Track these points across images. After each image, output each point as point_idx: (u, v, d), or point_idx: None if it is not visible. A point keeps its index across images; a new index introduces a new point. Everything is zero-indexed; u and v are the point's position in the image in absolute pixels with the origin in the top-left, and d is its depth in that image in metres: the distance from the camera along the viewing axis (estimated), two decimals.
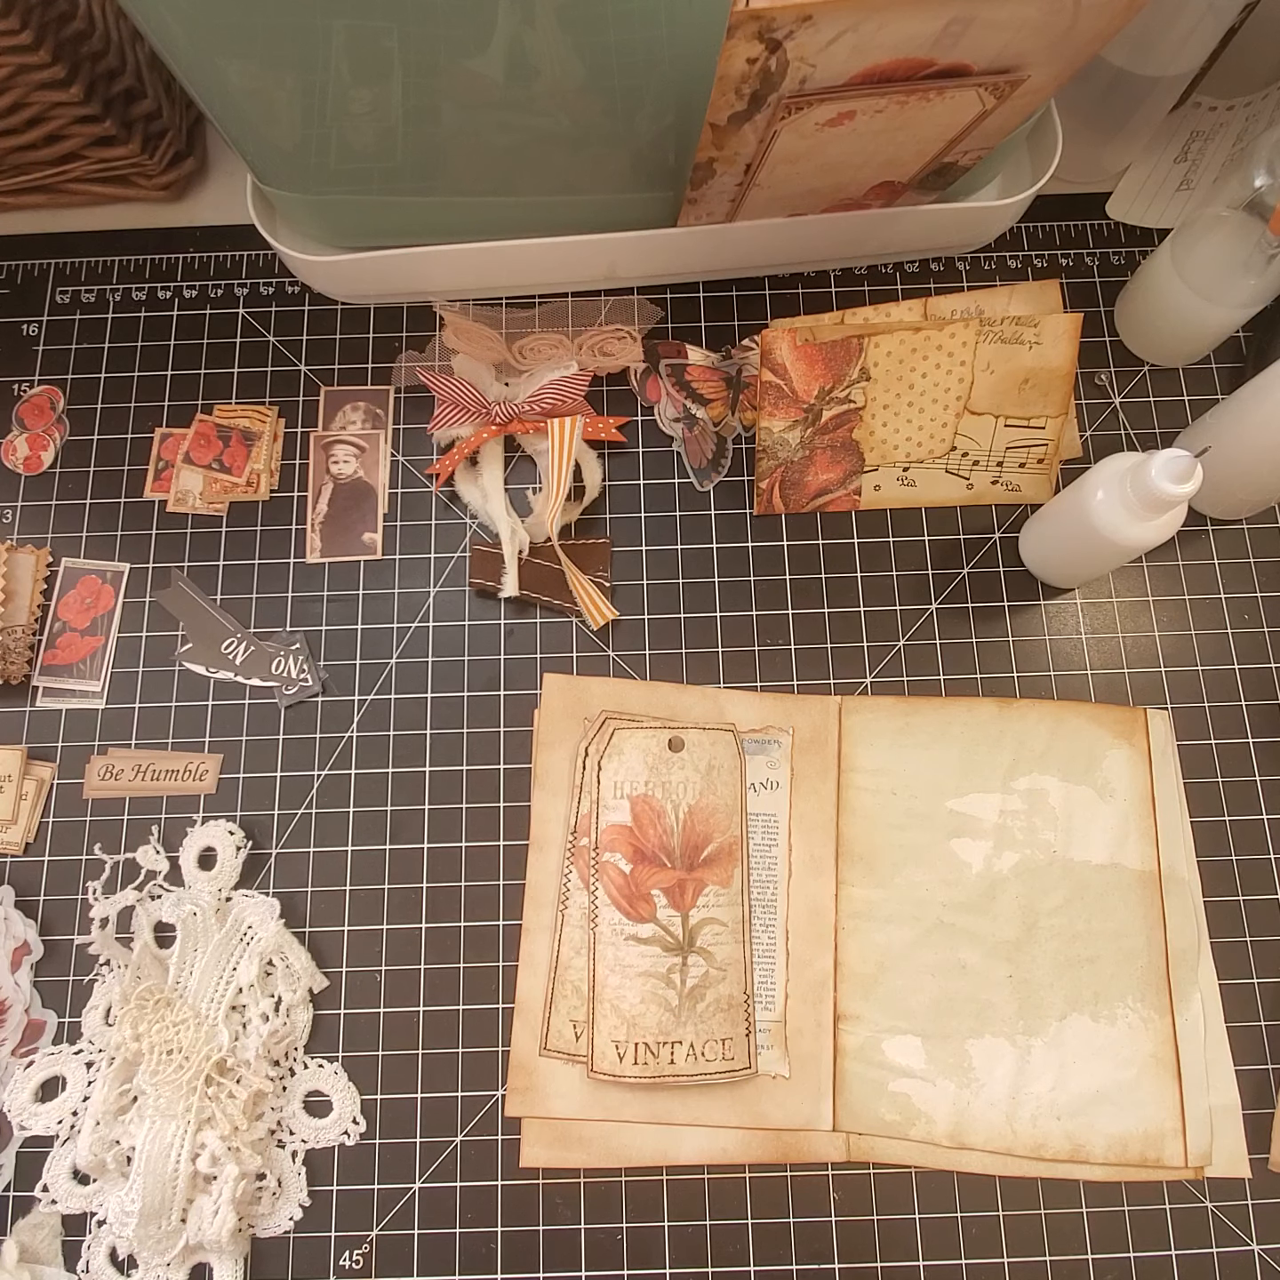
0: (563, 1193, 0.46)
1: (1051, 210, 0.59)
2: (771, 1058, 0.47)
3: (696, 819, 0.49)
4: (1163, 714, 0.51)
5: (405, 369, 0.56)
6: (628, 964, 0.47)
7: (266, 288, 0.58)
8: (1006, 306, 0.57)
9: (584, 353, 0.56)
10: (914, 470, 0.54)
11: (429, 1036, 0.48)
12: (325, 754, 0.51)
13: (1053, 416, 0.53)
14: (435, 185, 0.49)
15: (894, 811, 0.50)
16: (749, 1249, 0.46)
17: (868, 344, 0.51)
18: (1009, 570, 0.54)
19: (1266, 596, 0.53)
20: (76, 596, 0.54)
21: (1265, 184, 0.45)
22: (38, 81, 0.48)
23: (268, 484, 0.55)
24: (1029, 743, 0.51)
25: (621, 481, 0.55)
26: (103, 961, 0.48)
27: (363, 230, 0.53)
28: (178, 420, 0.56)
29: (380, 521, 0.55)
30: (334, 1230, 0.46)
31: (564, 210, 0.52)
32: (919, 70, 0.37)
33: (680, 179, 0.47)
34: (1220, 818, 0.50)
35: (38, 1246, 0.45)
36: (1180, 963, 0.48)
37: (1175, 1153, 0.46)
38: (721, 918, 0.48)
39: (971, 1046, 0.47)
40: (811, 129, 0.40)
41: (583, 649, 0.53)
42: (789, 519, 0.55)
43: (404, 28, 0.39)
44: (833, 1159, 0.46)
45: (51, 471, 0.55)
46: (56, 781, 0.51)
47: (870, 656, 0.53)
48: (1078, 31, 0.35)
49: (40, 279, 0.58)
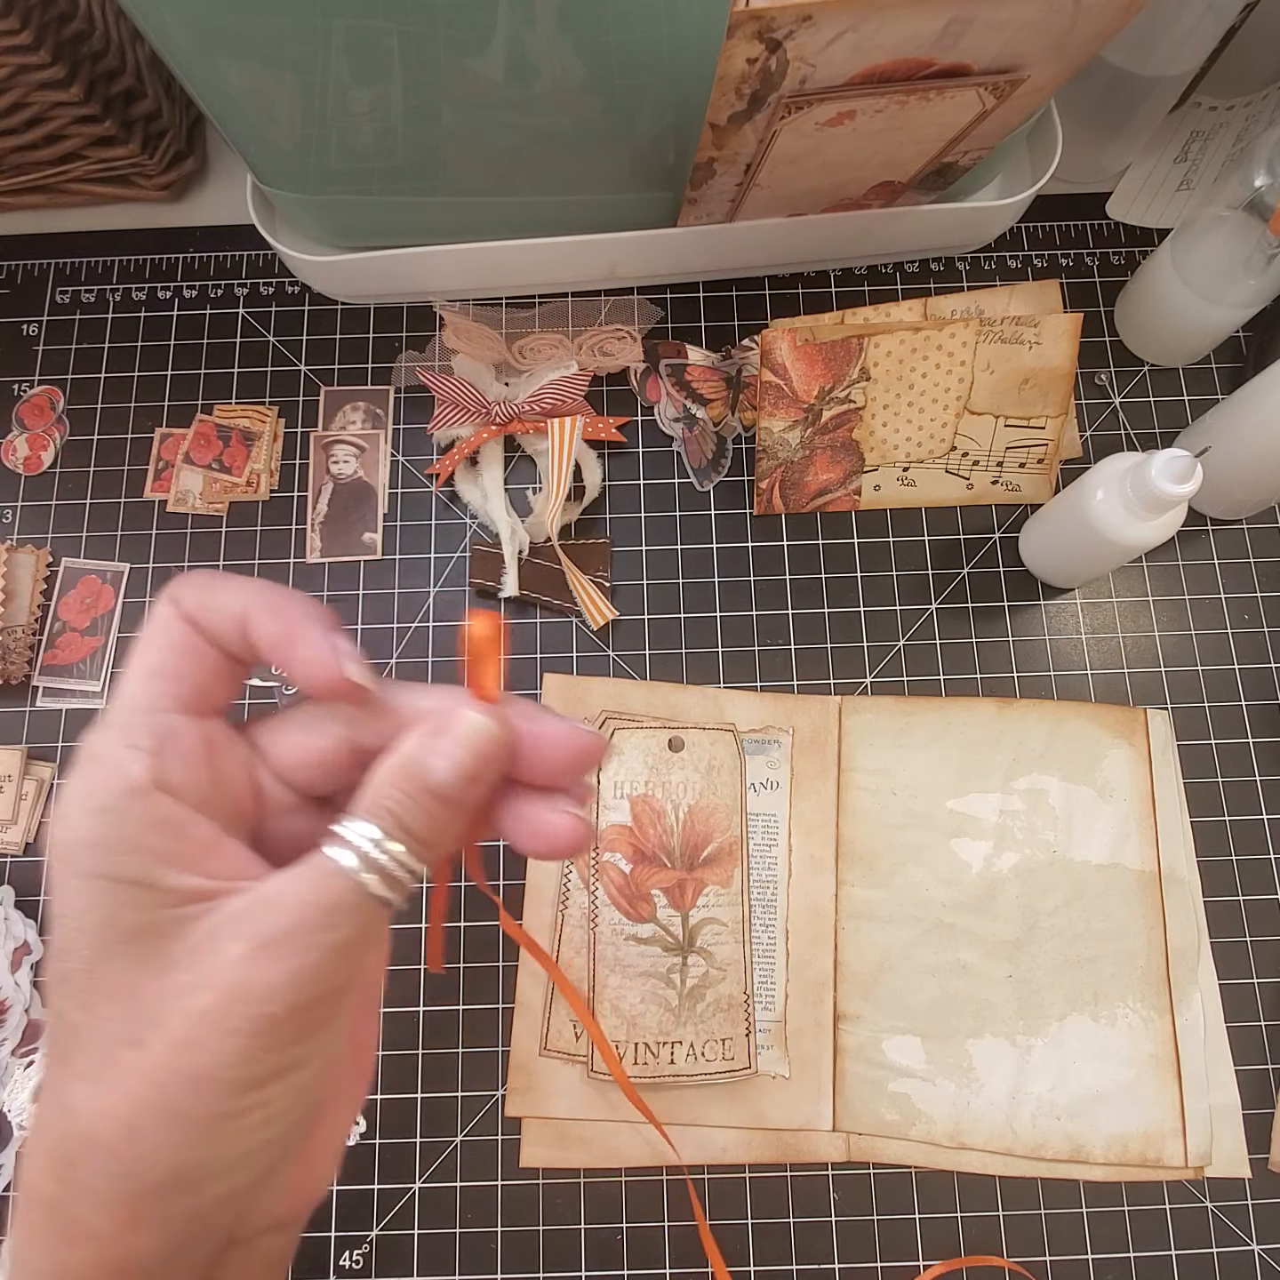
0: (563, 1193, 0.46)
1: (1051, 210, 0.59)
2: (771, 1058, 0.47)
3: (696, 819, 0.49)
4: (1163, 714, 0.51)
5: (405, 369, 0.56)
6: (628, 964, 0.47)
7: (266, 288, 0.58)
8: (1006, 306, 0.57)
9: (584, 353, 0.56)
10: (914, 470, 0.54)
11: (429, 1036, 0.48)
12: None
13: (1053, 416, 0.53)
14: (435, 185, 0.49)
15: (894, 811, 0.50)
16: (749, 1249, 0.46)
17: (868, 344, 0.51)
18: (1009, 570, 0.54)
19: (1266, 596, 0.53)
20: (76, 596, 0.54)
21: (1265, 184, 0.45)
22: (38, 81, 0.48)
23: (268, 484, 0.55)
24: (1029, 743, 0.51)
25: (621, 481, 0.55)
26: None
27: (363, 230, 0.53)
28: (178, 420, 0.56)
29: (380, 521, 0.55)
30: (334, 1230, 0.46)
31: (564, 210, 0.52)
32: (919, 70, 0.37)
33: (680, 179, 0.47)
34: (1220, 818, 0.50)
35: None
36: (1180, 963, 0.48)
37: (1175, 1153, 0.46)
38: (721, 918, 0.48)
39: (971, 1046, 0.47)
40: (811, 129, 0.40)
41: (583, 649, 0.53)
42: (789, 519, 0.55)
43: (404, 28, 0.39)
44: (833, 1159, 0.46)
45: (51, 471, 0.55)
46: (56, 781, 0.51)
47: (870, 656, 0.53)
48: (1078, 31, 0.35)
49: (40, 279, 0.58)
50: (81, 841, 0.19)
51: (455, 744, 0.21)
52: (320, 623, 0.21)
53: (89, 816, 0.19)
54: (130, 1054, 0.18)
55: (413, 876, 0.21)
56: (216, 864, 0.20)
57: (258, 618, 0.21)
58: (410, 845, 0.20)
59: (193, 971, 0.19)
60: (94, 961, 0.19)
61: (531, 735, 0.22)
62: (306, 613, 0.21)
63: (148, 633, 0.22)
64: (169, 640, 0.21)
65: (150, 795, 0.19)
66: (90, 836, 0.19)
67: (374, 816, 0.20)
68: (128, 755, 0.19)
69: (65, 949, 0.19)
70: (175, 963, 0.19)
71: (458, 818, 0.21)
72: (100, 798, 0.19)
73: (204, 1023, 0.18)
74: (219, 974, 0.18)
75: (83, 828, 0.19)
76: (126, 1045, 0.18)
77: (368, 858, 0.20)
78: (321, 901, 0.19)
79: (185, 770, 0.20)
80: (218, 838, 0.20)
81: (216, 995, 0.18)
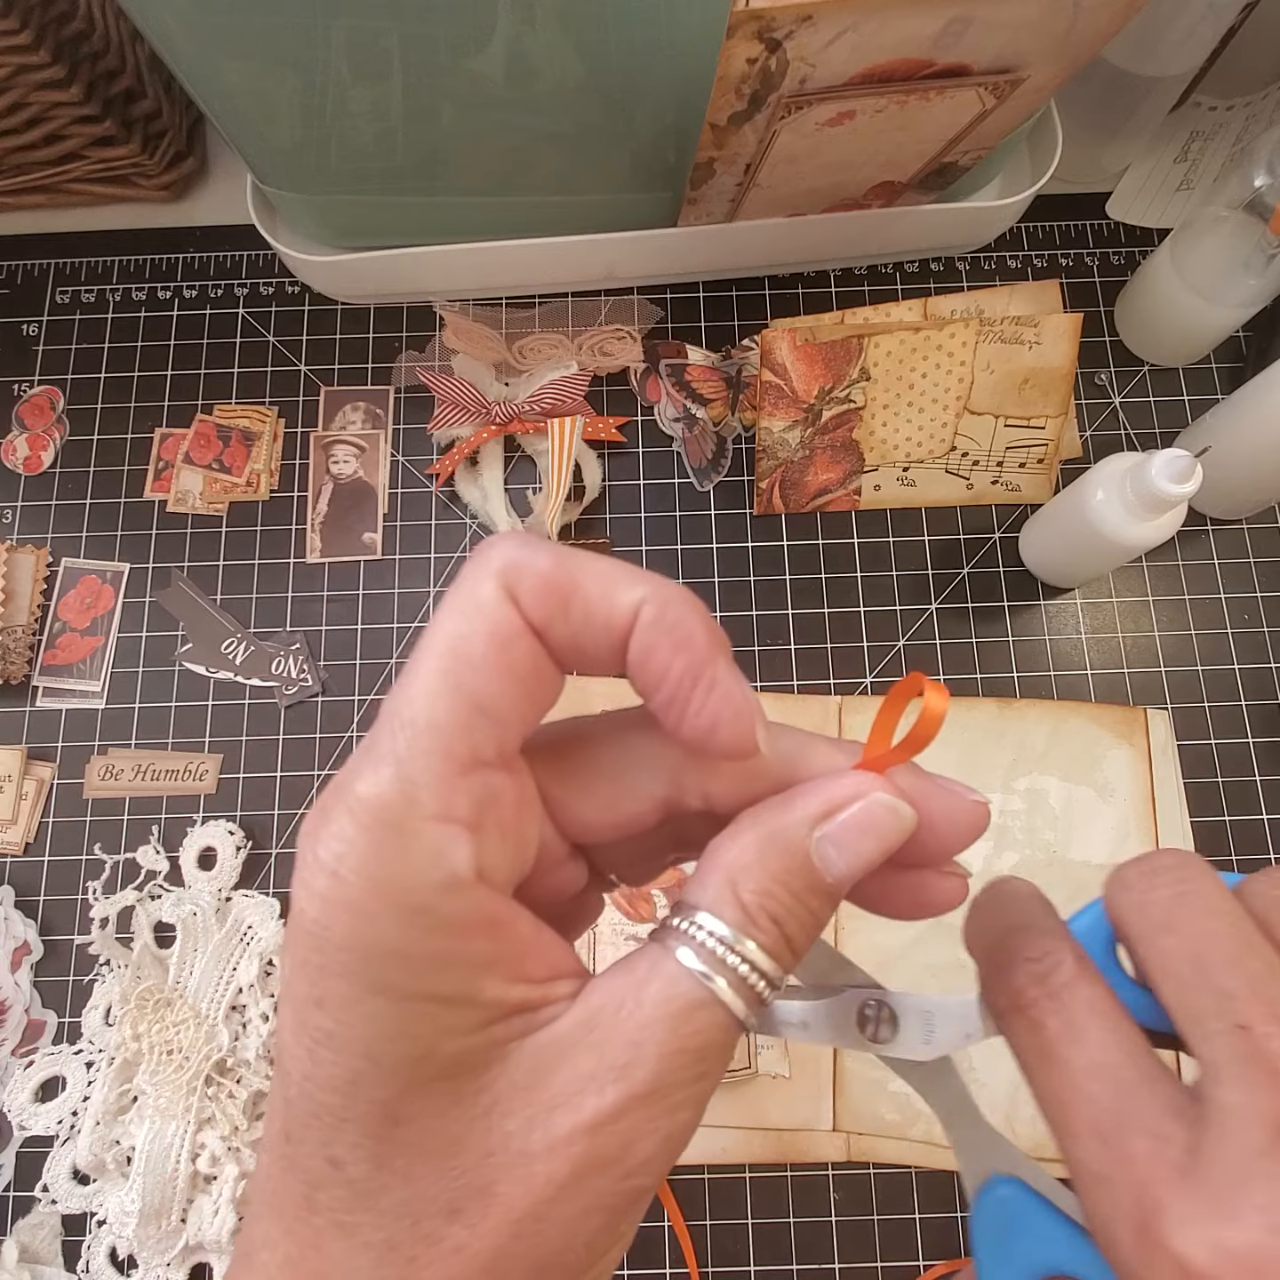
0: None
1: (1051, 210, 0.59)
2: (771, 1058, 0.47)
3: None
4: (1163, 714, 0.51)
5: (405, 369, 0.56)
6: None
7: (266, 288, 0.58)
8: (1006, 306, 0.57)
9: (584, 353, 0.56)
10: (914, 470, 0.54)
11: None
12: (325, 754, 0.51)
13: (1053, 416, 0.53)
14: (435, 185, 0.49)
15: None
16: (749, 1249, 0.46)
17: (868, 344, 0.51)
18: (1009, 570, 0.54)
19: (1266, 596, 0.53)
20: (76, 596, 0.54)
21: (1265, 184, 0.45)
22: (38, 81, 0.48)
23: (268, 484, 0.55)
24: (1029, 743, 0.51)
25: (621, 481, 0.55)
26: (103, 961, 0.48)
27: (363, 230, 0.53)
28: (178, 420, 0.56)
29: (380, 521, 0.55)
30: None
31: (564, 210, 0.52)
32: (919, 70, 0.37)
33: (680, 179, 0.47)
34: (1220, 818, 0.50)
35: (38, 1246, 0.45)
36: None
37: None
38: None
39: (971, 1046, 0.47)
40: (811, 129, 0.40)
41: None
42: (789, 519, 0.55)
43: (404, 28, 0.39)
44: (833, 1159, 0.46)
45: (51, 471, 0.55)
46: (56, 781, 0.51)
47: (870, 656, 0.53)
48: (1078, 31, 0.35)
49: (40, 279, 0.58)
50: (391, 949, 0.14)
51: (860, 833, 0.16)
52: (730, 660, 0.15)
53: (403, 917, 0.14)
54: (454, 1230, 0.14)
55: (774, 991, 0.16)
56: (535, 962, 0.15)
57: (650, 642, 0.15)
58: (780, 952, 0.16)
59: (534, 1124, 0.14)
60: (398, 1105, 0.14)
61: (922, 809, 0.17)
62: (715, 642, 0.15)
63: (469, 636, 0.15)
64: (508, 660, 0.15)
65: (473, 888, 0.14)
66: (403, 943, 0.14)
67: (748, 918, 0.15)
68: (447, 835, 0.14)
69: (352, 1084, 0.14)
70: (501, 1106, 0.14)
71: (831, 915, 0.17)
72: (416, 893, 0.14)
73: (556, 1196, 0.14)
74: (577, 1135, 0.14)
75: (392, 931, 0.14)
76: (446, 1217, 0.14)
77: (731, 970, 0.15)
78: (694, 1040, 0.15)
79: (502, 848, 0.15)
80: (534, 926, 0.16)
81: (573, 1162, 0.14)
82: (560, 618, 0.15)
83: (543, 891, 0.17)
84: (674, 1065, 0.15)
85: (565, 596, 0.15)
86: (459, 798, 0.14)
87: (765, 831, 0.16)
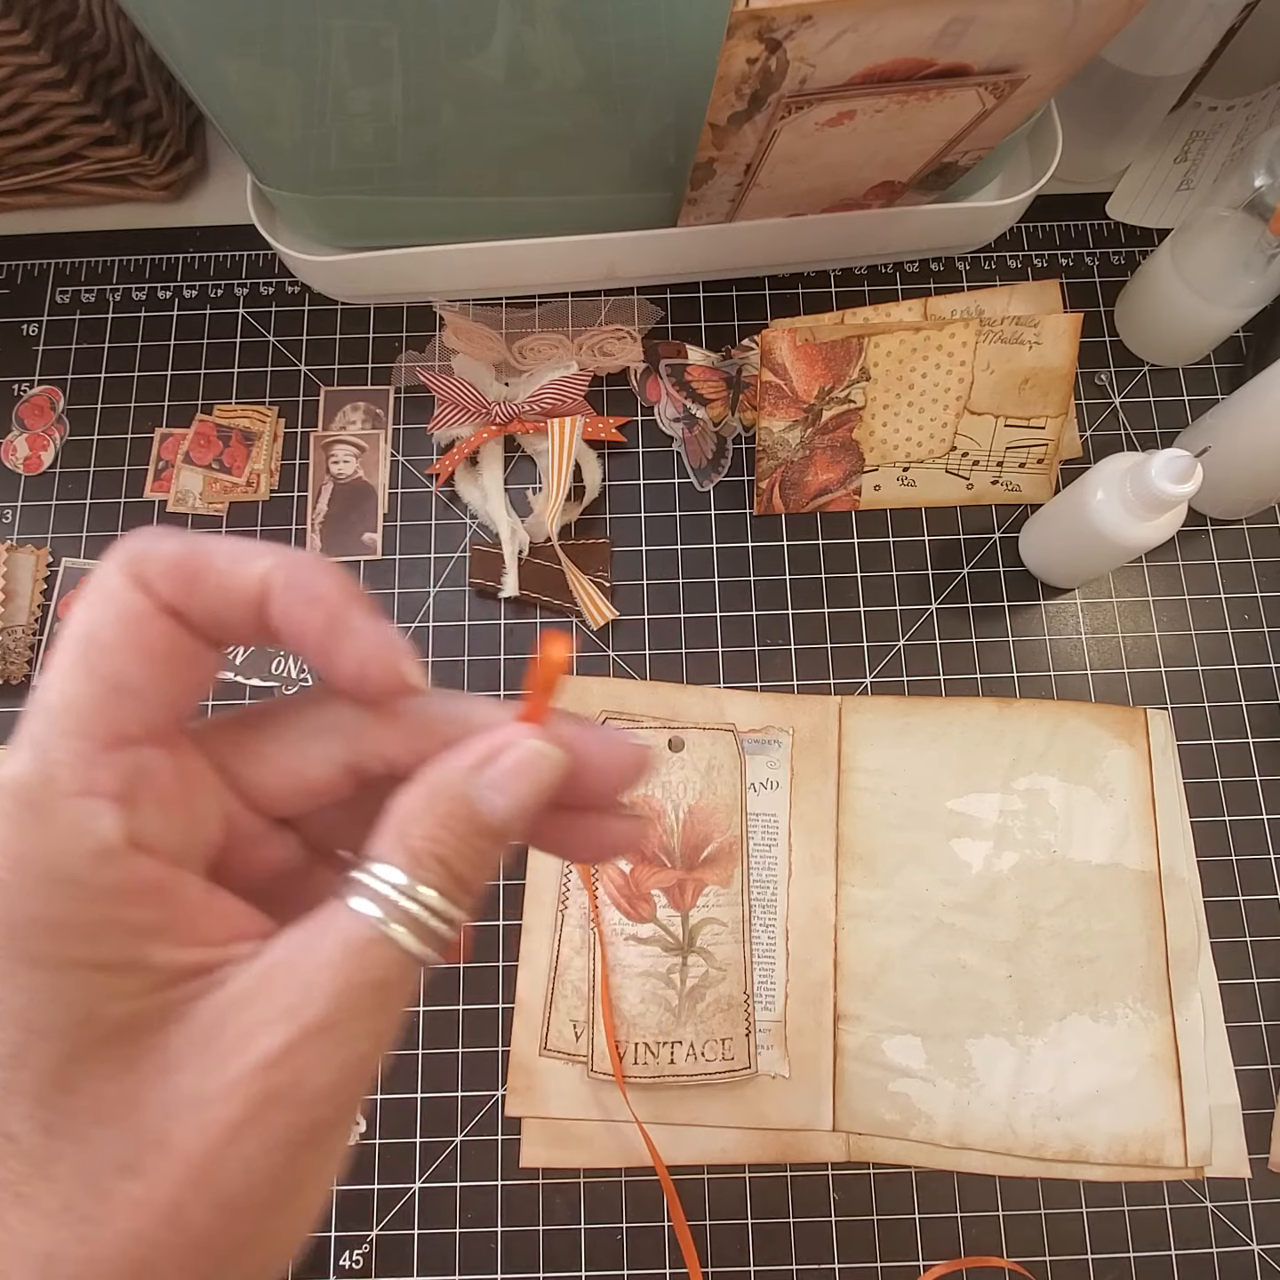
0: (563, 1193, 0.46)
1: (1051, 210, 0.59)
2: (771, 1058, 0.47)
3: (696, 819, 0.49)
4: (1163, 714, 0.51)
5: (405, 369, 0.56)
6: (628, 964, 0.47)
7: (266, 288, 0.58)
8: (1006, 306, 0.57)
9: (584, 353, 0.56)
10: (914, 470, 0.54)
11: (429, 1036, 0.48)
12: None
13: (1053, 416, 0.53)
14: (435, 185, 0.49)
15: (894, 811, 0.50)
16: (749, 1249, 0.46)
17: (868, 344, 0.51)
18: (1009, 570, 0.54)
19: (1266, 596, 0.53)
20: (76, 596, 0.54)
21: (1265, 184, 0.45)
22: (38, 81, 0.48)
23: (268, 484, 0.55)
24: (1029, 743, 0.51)
25: (621, 481, 0.55)
26: None
27: (363, 230, 0.53)
28: (178, 420, 0.56)
29: (380, 521, 0.55)
30: (334, 1230, 0.46)
31: (564, 210, 0.52)
32: (919, 70, 0.37)
33: (680, 179, 0.47)
34: (1220, 818, 0.50)
35: None
36: (1180, 963, 0.48)
37: (1175, 1153, 0.46)
38: (721, 918, 0.48)
39: (971, 1046, 0.47)
40: (811, 129, 0.40)
41: (583, 649, 0.53)
42: (789, 519, 0.55)
43: (404, 28, 0.39)
44: (833, 1159, 0.46)
45: (51, 471, 0.55)
46: None
47: (870, 656, 0.53)
48: (1078, 31, 0.35)
49: (40, 279, 0.58)
50: (39, 921, 0.14)
51: (515, 776, 0.17)
52: (366, 607, 0.17)
53: (48, 889, 0.14)
54: (128, 1185, 0.14)
55: (453, 929, 0.17)
56: (209, 926, 0.16)
57: (286, 603, 0.16)
58: (453, 893, 0.17)
59: (207, 1073, 0.15)
60: (64, 1072, 0.14)
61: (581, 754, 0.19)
62: (347, 594, 0.17)
63: (99, 623, 0.16)
64: (140, 640, 0.16)
65: (126, 857, 0.15)
66: (52, 914, 0.14)
67: (416, 862, 0.16)
68: (90, 809, 0.15)
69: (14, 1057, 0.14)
70: (176, 1062, 0.15)
71: (500, 856, 0.18)
72: (61, 865, 0.15)
73: (233, 1138, 0.15)
74: (249, 1075, 0.15)
75: (39, 903, 0.14)
76: (120, 1174, 0.14)
77: (404, 912, 0.16)
78: (367, 975, 0.16)
79: (162, 818, 0.16)
80: (206, 892, 0.16)
81: (247, 1103, 0.15)
82: (194, 595, 0.16)
83: (250, 866, 0.18)
84: (348, 1002, 0.15)
85: (194, 575, 0.16)
86: (101, 772, 0.15)
87: (432, 782, 0.17)
